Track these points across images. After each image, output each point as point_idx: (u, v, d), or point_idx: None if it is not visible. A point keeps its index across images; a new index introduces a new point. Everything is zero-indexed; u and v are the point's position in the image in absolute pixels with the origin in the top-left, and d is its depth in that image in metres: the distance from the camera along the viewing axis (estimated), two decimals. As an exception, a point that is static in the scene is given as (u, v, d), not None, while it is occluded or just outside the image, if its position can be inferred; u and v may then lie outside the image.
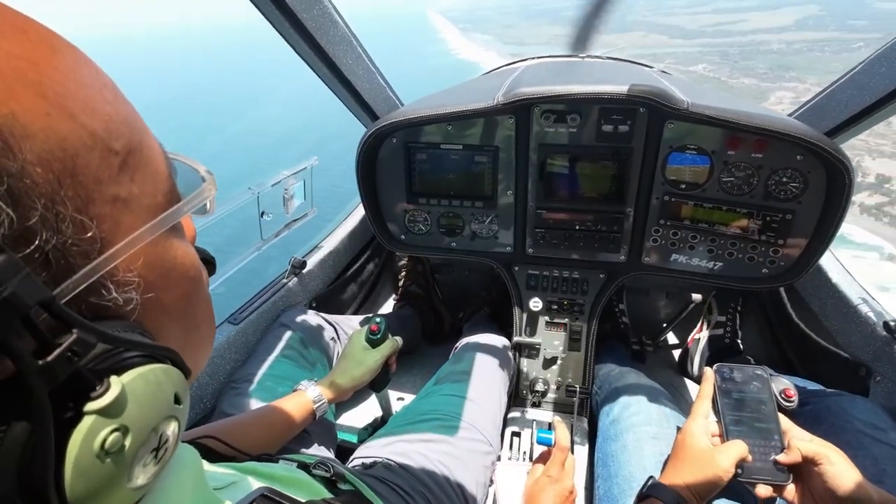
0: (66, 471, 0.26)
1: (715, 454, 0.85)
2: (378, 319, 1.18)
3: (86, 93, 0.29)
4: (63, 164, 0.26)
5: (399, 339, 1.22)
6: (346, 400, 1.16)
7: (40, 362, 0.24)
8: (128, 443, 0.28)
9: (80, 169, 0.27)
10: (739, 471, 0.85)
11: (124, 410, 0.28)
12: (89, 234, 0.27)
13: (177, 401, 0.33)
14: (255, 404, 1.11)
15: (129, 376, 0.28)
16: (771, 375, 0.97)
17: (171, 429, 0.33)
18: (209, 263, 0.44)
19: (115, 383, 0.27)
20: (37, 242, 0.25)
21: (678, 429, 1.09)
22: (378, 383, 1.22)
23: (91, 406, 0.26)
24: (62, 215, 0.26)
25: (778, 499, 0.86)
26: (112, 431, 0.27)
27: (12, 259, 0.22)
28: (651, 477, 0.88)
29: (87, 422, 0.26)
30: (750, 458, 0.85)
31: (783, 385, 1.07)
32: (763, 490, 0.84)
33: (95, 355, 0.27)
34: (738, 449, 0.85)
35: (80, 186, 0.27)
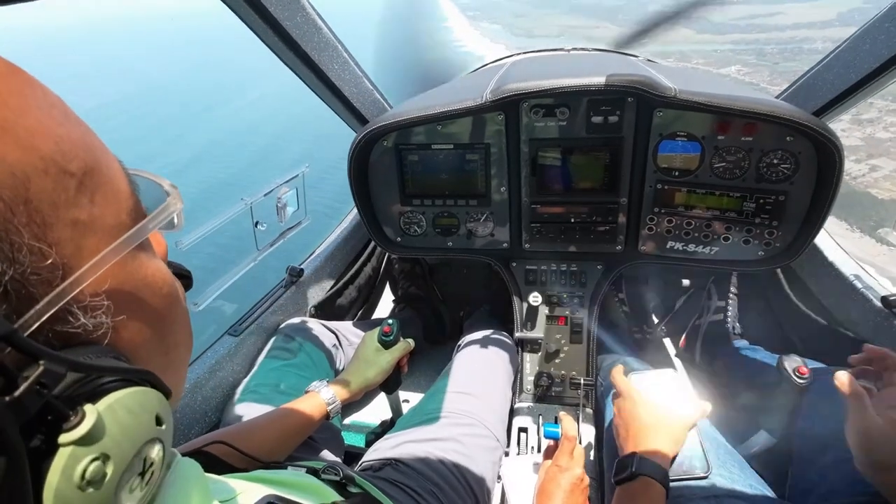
0: (47, 503, 0.25)
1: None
2: (391, 321, 1.19)
3: (33, 116, 0.28)
4: (14, 191, 0.25)
5: (411, 341, 1.23)
6: (352, 404, 1.16)
7: (7, 398, 0.23)
8: (109, 470, 0.28)
9: (33, 194, 0.26)
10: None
11: (102, 438, 0.27)
12: (49, 262, 0.27)
13: (158, 422, 0.32)
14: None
15: (104, 403, 0.28)
16: (783, 356, 0.99)
17: (156, 451, 0.32)
18: (185, 278, 0.43)
19: (90, 412, 0.27)
20: None
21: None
22: (390, 385, 1.22)
23: (66, 437, 0.26)
24: (17, 244, 0.25)
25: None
26: (92, 461, 0.27)
27: None
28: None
29: (64, 453, 0.26)
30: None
31: (796, 363, 1.08)
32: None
33: (67, 385, 0.27)
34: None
35: (36, 212, 0.26)
